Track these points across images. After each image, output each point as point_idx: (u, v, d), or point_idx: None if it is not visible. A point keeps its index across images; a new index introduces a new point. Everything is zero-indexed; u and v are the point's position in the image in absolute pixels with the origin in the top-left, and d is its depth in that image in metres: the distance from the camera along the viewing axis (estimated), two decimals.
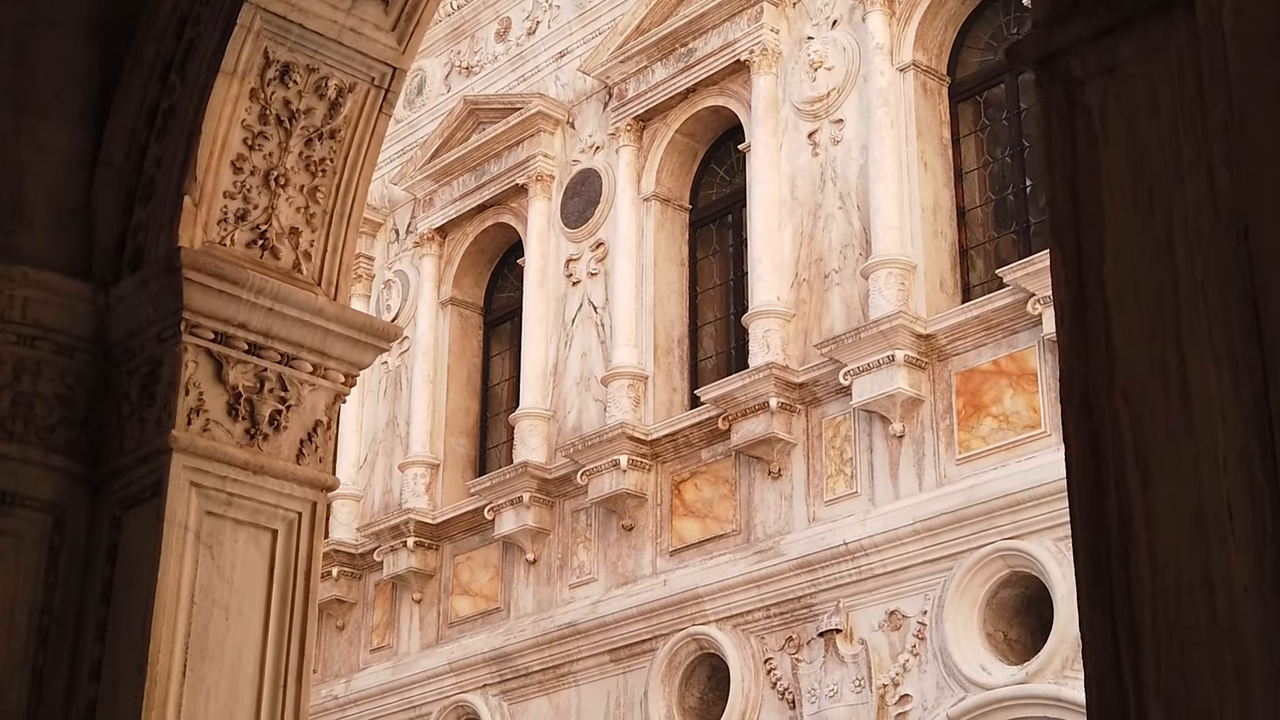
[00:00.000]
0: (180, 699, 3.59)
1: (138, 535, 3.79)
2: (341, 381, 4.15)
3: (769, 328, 12.39)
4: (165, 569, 3.64)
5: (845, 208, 12.41)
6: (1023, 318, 10.96)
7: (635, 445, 13.01)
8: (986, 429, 11.12)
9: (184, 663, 3.62)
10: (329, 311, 4.05)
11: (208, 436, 3.85)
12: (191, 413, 3.85)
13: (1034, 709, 10.32)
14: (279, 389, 4.00)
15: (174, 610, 3.64)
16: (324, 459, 4.08)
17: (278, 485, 3.93)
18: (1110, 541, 1.79)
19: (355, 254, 4.16)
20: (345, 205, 4.11)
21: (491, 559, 14.31)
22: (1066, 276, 1.91)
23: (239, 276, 3.91)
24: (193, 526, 3.74)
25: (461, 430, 15.36)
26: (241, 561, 3.80)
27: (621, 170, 14.12)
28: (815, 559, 11.61)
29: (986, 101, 12.51)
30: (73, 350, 3.99)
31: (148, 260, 3.95)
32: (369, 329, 4.15)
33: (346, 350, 4.12)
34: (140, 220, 4.01)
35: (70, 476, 3.93)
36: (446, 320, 15.61)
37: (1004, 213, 12.22)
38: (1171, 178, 1.82)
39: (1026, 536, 10.59)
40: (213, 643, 3.69)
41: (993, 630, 10.83)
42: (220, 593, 3.72)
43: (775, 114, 13.08)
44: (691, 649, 12.34)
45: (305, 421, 4.06)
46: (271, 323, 3.97)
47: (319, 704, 15.11)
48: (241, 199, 3.98)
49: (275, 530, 3.90)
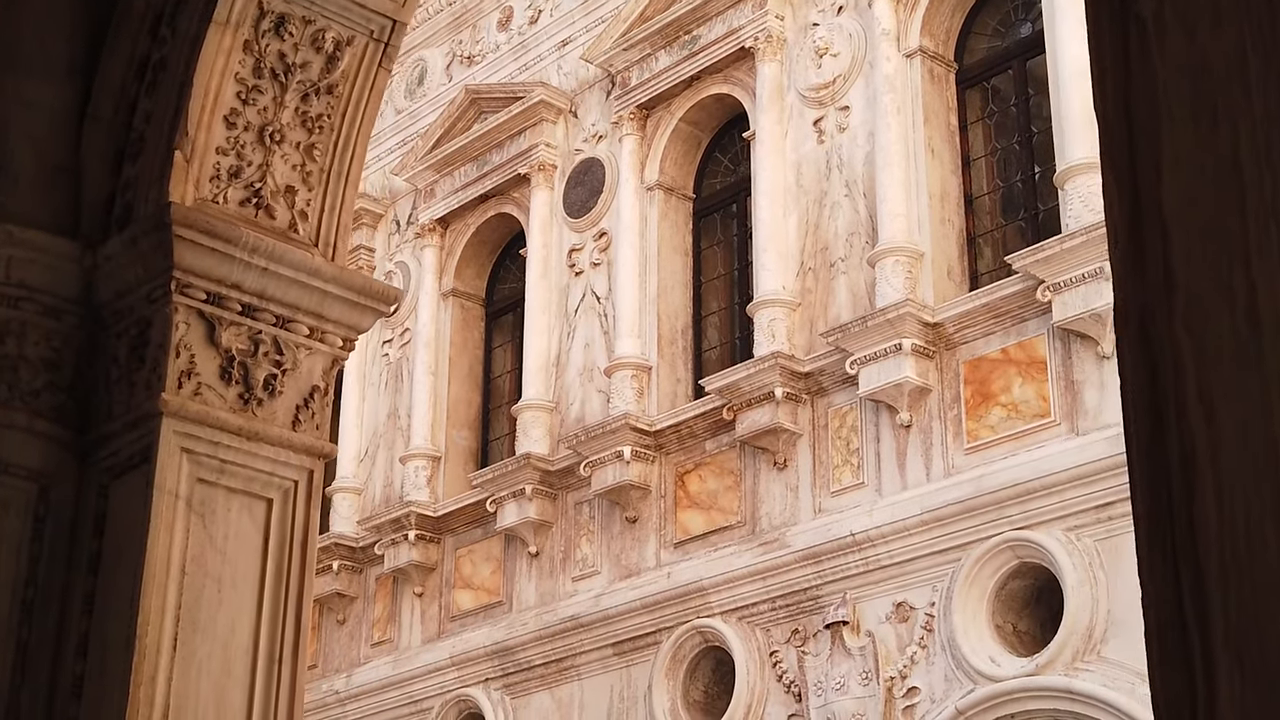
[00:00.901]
0: (170, 673, 3.43)
1: (126, 504, 3.63)
2: (340, 345, 3.99)
3: (774, 317, 12.24)
4: (155, 538, 3.49)
5: (851, 195, 12.27)
6: (1032, 305, 10.81)
7: (639, 436, 12.86)
8: (995, 418, 10.97)
9: (174, 636, 3.47)
10: (326, 272, 3.89)
11: (199, 401, 3.69)
12: (182, 376, 3.69)
13: (1044, 701, 10.17)
14: (274, 352, 3.84)
15: (164, 581, 3.48)
16: (321, 426, 3.92)
17: (273, 452, 3.77)
18: (1171, 481, 1.64)
19: (354, 213, 4.00)
20: (343, 163, 3.95)
21: (493, 552, 14.16)
22: (1119, 197, 1.76)
23: (232, 234, 3.76)
24: (184, 494, 3.58)
25: (463, 422, 15.22)
26: (235, 531, 3.64)
27: (624, 159, 13.98)
28: (821, 550, 11.47)
29: (994, 88, 12.37)
30: (59, 312, 3.83)
31: (137, 218, 3.79)
32: (368, 291, 3.99)
33: (345, 313, 3.96)
34: (130, 177, 3.85)
35: (56, 443, 3.77)
36: (448, 312, 15.46)
37: (1012, 200, 12.07)
38: (1237, 93, 1.67)
39: (1036, 527, 10.44)
40: (204, 615, 3.54)
41: (1001, 622, 10.68)
42: (212, 563, 3.57)
43: (780, 101, 12.93)
44: (696, 642, 12.19)
45: (301, 386, 3.90)
46: (266, 283, 3.81)
47: (319, 699, 14.97)
48: (235, 155, 3.83)
49: (270, 499, 3.75)
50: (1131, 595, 10.03)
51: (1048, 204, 11.60)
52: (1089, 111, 10.61)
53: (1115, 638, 10.00)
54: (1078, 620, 10.08)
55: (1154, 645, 1.67)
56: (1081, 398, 10.55)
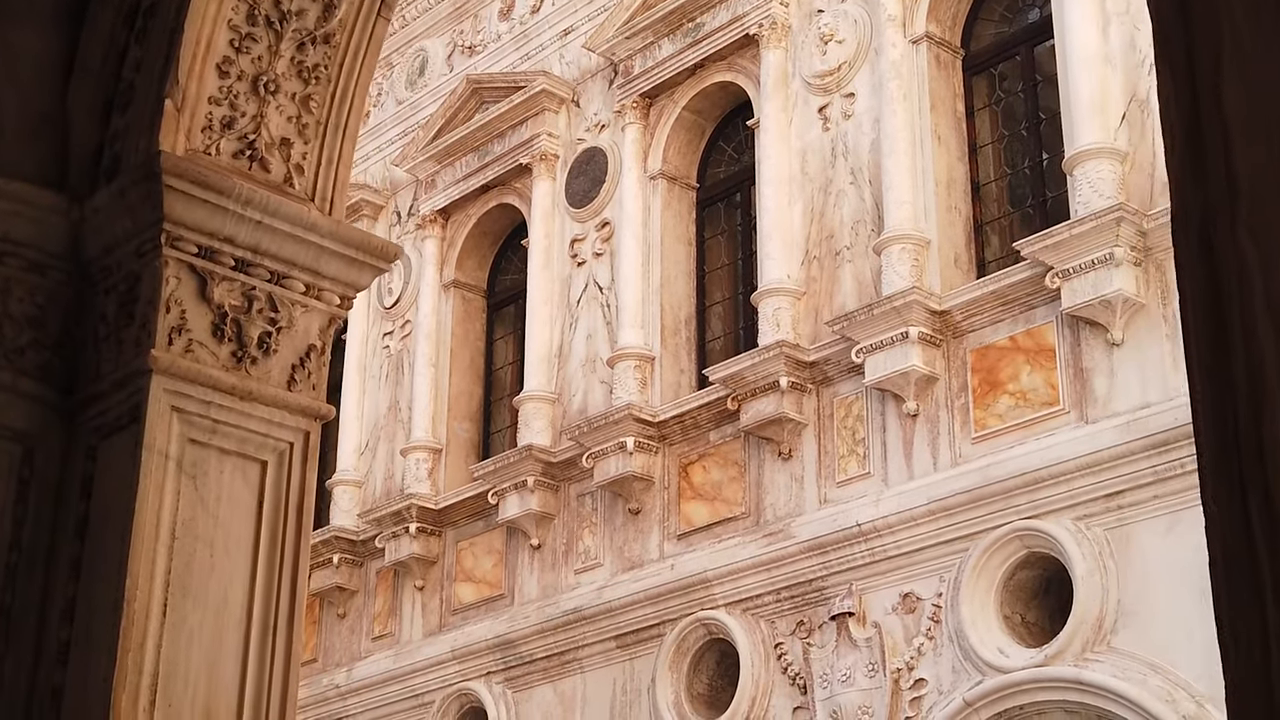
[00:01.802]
0: (160, 640, 3.30)
1: (114, 465, 3.50)
2: (337, 304, 3.85)
3: (779, 306, 12.11)
4: (144, 500, 3.35)
5: (857, 183, 12.13)
6: (1040, 292, 10.67)
7: (642, 427, 12.73)
8: (1003, 407, 10.84)
9: (164, 601, 3.34)
10: (323, 227, 3.75)
11: (190, 358, 3.55)
12: (173, 332, 3.55)
13: (1053, 693, 10.03)
14: (268, 309, 3.71)
15: (153, 544, 3.34)
16: (317, 386, 3.78)
17: (267, 413, 3.63)
18: (1238, 401, 1.51)
19: (351, 169, 3.86)
20: (341, 116, 3.81)
21: (495, 544, 14.03)
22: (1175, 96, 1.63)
23: (225, 185, 3.62)
24: (174, 455, 3.44)
25: (464, 415, 15.09)
26: (228, 494, 3.51)
27: (627, 148, 13.84)
28: (827, 541, 11.33)
29: (1001, 74, 12.23)
30: (44, 267, 3.69)
31: (125, 169, 3.65)
32: (367, 247, 3.85)
33: (342, 270, 3.82)
34: (118, 128, 3.71)
35: (42, 403, 3.64)
36: (449, 303, 15.33)
37: (1019, 187, 11.94)
38: None
39: (1045, 516, 10.30)
40: (196, 581, 3.40)
41: (1010, 613, 10.54)
42: (204, 527, 3.43)
43: (785, 89, 12.80)
44: (700, 634, 12.06)
45: (297, 345, 3.76)
46: (260, 237, 3.67)
47: (319, 693, 14.85)
48: (228, 105, 3.69)
49: (264, 461, 3.61)
50: (1142, 585, 9.94)
51: (1055, 191, 11.47)
52: (1098, 96, 10.53)
53: (1125, 628, 9.86)
54: (1087, 610, 9.94)
55: (1220, 577, 1.54)
56: (1091, 385, 10.42)
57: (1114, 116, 10.65)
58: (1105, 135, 10.56)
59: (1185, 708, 9.42)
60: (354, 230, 3.87)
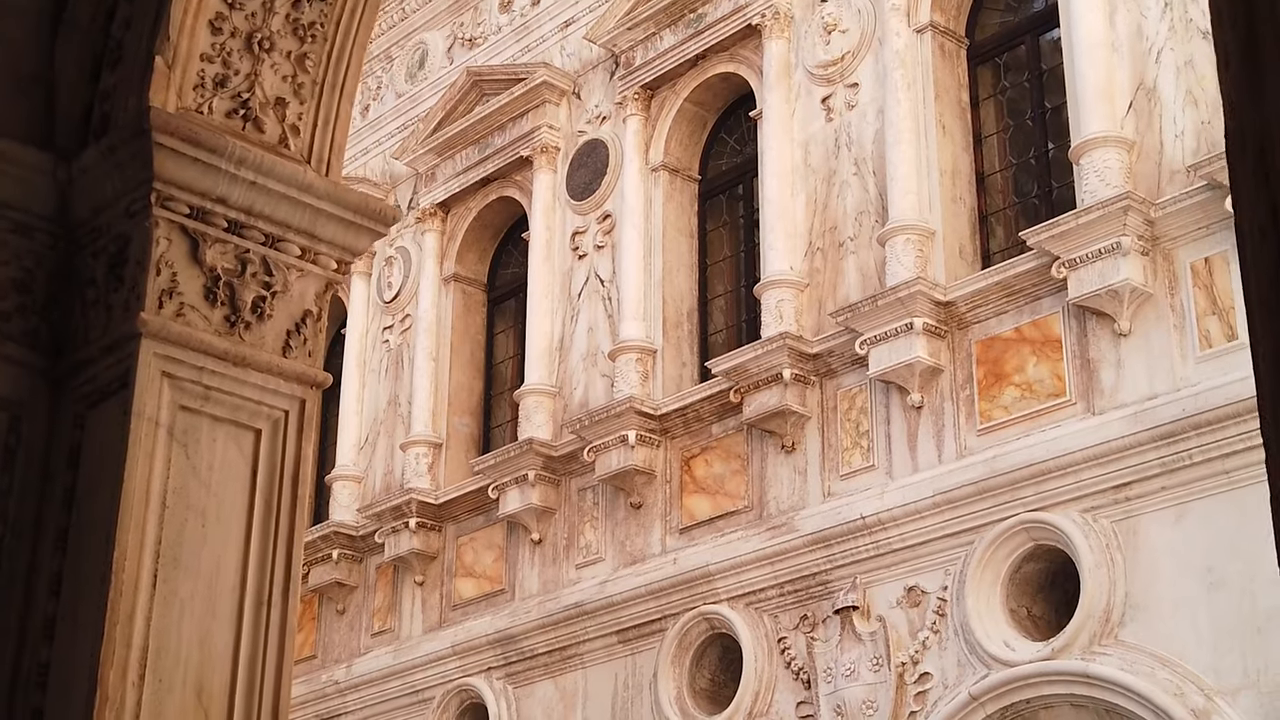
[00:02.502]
0: (150, 612, 3.19)
1: (103, 433, 3.38)
2: (334, 268, 3.74)
3: (782, 298, 12.00)
4: (133, 467, 3.24)
5: (860, 174, 12.03)
6: (1046, 282, 10.56)
7: (644, 420, 12.62)
8: (1009, 398, 10.73)
9: (154, 572, 3.22)
10: (319, 188, 3.64)
11: (181, 322, 3.44)
12: (163, 295, 3.44)
13: (1060, 686, 9.92)
14: (263, 273, 3.59)
15: (143, 514, 3.23)
16: (314, 353, 3.66)
17: (261, 379, 3.52)
18: None
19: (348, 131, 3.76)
20: (337, 75, 3.70)
21: (495, 539, 13.92)
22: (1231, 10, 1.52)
23: (217, 144, 3.50)
24: (164, 422, 3.33)
25: (465, 409, 14.98)
26: (220, 463, 3.39)
27: (629, 140, 13.74)
28: (830, 534, 11.22)
29: (1006, 64, 12.13)
30: (31, 229, 3.57)
31: (115, 126, 3.54)
32: (364, 210, 3.73)
33: (339, 233, 3.71)
34: (108, 87, 3.60)
35: (28, 369, 3.52)
36: (449, 297, 15.22)
37: (1025, 178, 11.83)
38: None
39: (1051, 508, 10.19)
40: (187, 552, 3.29)
41: (1016, 606, 10.43)
42: (196, 496, 3.32)
43: (787, 79, 12.70)
44: (702, 629, 11.95)
45: (293, 310, 3.64)
46: (254, 198, 3.56)
47: (319, 689, 14.74)
48: (221, 63, 3.57)
49: (259, 429, 3.50)
50: (1150, 577, 9.83)
51: (1061, 182, 11.36)
52: (1105, 85, 10.42)
53: (1133, 621, 9.75)
54: (1095, 603, 9.84)
55: None
56: (1098, 376, 10.31)
57: (1121, 105, 10.55)
58: (1112, 124, 10.46)
59: (1194, 701, 9.31)
60: (352, 192, 3.76)
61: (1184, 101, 10.29)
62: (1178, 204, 10.01)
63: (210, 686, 3.24)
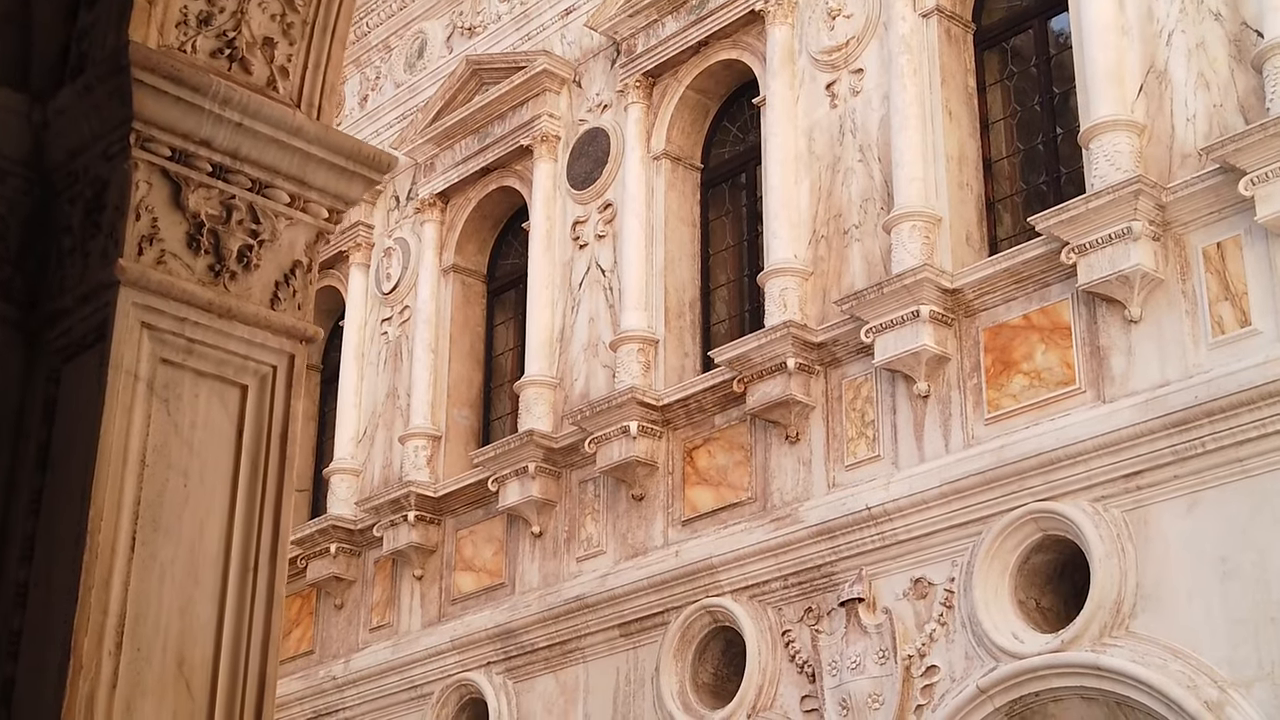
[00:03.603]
0: (128, 577, 3.01)
1: (79, 389, 3.20)
2: (325, 217, 3.55)
3: (785, 286, 11.83)
4: (110, 423, 3.05)
5: (865, 160, 11.85)
6: (1055, 269, 10.39)
7: (645, 411, 12.45)
8: (1017, 386, 10.56)
9: (132, 534, 3.04)
10: (309, 131, 3.45)
11: (162, 270, 3.25)
12: (143, 242, 3.26)
13: (1070, 679, 9.74)
14: (249, 220, 3.41)
15: (120, 472, 3.04)
16: (304, 306, 3.48)
17: (248, 333, 3.33)
18: None
19: (341, 75, 3.58)
20: (328, 16, 3.52)
21: (495, 532, 13.75)
22: None
23: (201, 82, 3.31)
24: (144, 375, 3.14)
25: (464, 401, 14.81)
26: (204, 420, 3.21)
27: (630, 128, 13.56)
28: (835, 525, 11.05)
29: (1013, 49, 11.95)
30: (3, 174, 3.38)
31: (92, 64, 3.36)
32: (358, 156, 3.55)
33: (331, 180, 3.52)
34: (85, 25, 3.41)
35: (1, 322, 3.35)
36: (449, 288, 15.05)
37: (1032, 164, 11.66)
38: None
39: (1061, 498, 10.02)
40: (168, 513, 3.11)
41: (1024, 598, 10.26)
42: (178, 455, 3.14)
43: (791, 66, 12.53)
44: (705, 622, 11.77)
45: (281, 261, 3.46)
46: (240, 141, 3.38)
47: (316, 684, 14.58)
48: (205, 0, 3.41)
49: (245, 385, 3.31)
50: (1161, 568, 9.65)
51: (1070, 167, 11.19)
52: (1115, 68, 10.24)
53: (1145, 612, 9.58)
54: (1105, 594, 9.66)
55: None
56: (1108, 364, 10.13)
57: (1131, 89, 10.38)
58: (1122, 108, 10.28)
59: (1207, 693, 9.13)
60: (344, 137, 3.58)
61: (1195, 84, 10.11)
62: (1189, 188, 9.84)
63: (192, 656, 3.07)
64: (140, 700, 2.98)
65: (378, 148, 3.61)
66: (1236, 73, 9.92)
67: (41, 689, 2.96)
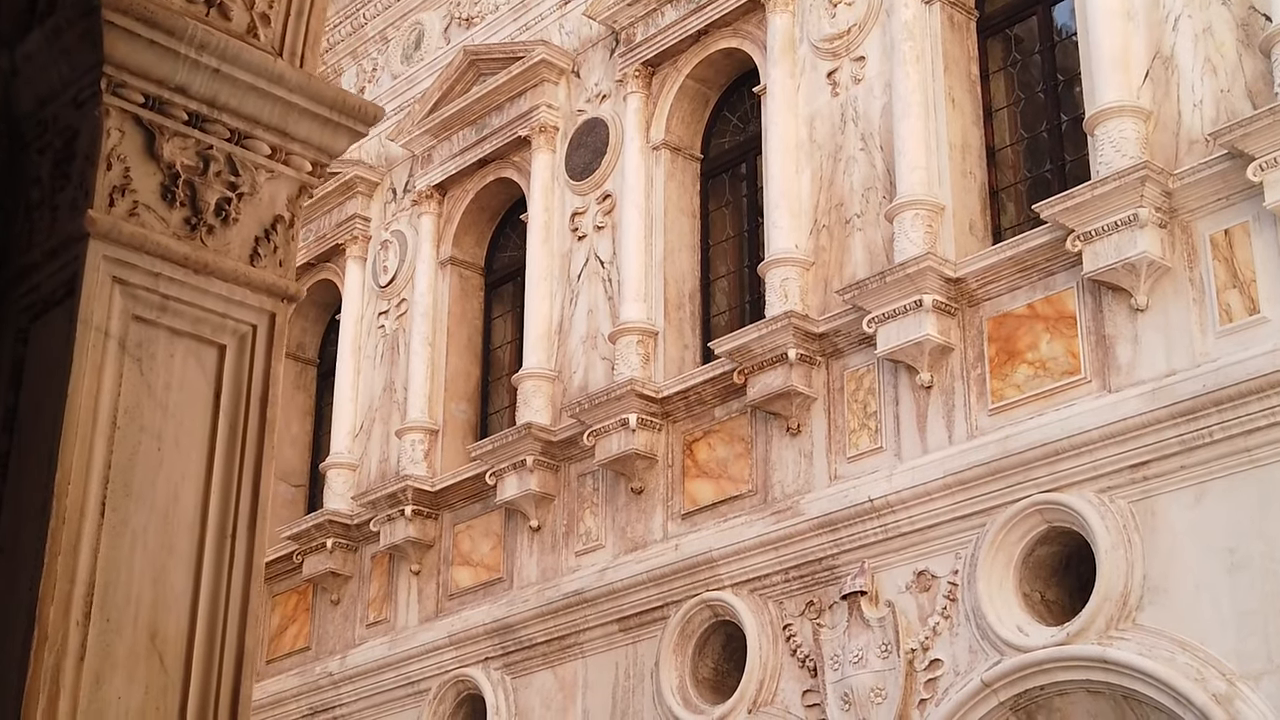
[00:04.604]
0: (97, 544, 2.85)
1: (48, 347, 3.04)
2: (308, 170, 3.39)
3: (786, 276, 11.68)
4: (78, 381, 2.90)
5: (868, 149, 11.71)
6: (1060, 257, 10.24)
7: (645, 403, 12.30)
8: (1021, 377, 10.41)
9: (102, 499, 2.89)
10: (291, 80, 3.30)
11: (135, 222, 3.10)
12: (114, 193, 3.10)
13: (1076, 672, 9.59)
14: (228, 172, 3.26)
15: (89, 433, 2.89)
16: (285, 263, 3.32)
17: (226, 289, 3.18)
18: None
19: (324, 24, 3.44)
20: None
21: (493, 527, 13.60)
22: None
23: (176, 25, 3.16)
24: (115, 333, 2.99)
25: (462, 395, 14.66)
26: (179, 381, 3.06)
27: (629, 118, 13.42)
28: (837, 518, 10.90)
29: (1017, 37, 11.81)
30: None
31: (62, 6, 3.21)
32: (342, 106, 3.39)
33: (314, 131, 3.37)
34: None
35: None
36: (446, 281, 14.90)
37: (1037, 152, 11.51)
38: None
39: (1066, 489, 9.88)
40: (140, 477, 2.95)
41: (1029, 590, 10.11)
42: (151, 417, 2.99)
43: (792, 54, 12.38)
44: (705, 616, 11.62)
45: (262, 215, 3.30)
46: (219, 88, 3.22)
47: (312, 681, 14.43)
48: None
49: (223, 345, 3.16)
50: (1168, 559, 9.50)
51: (1074, 154, 11.05)
52: (1120, 54, 10.09)
53: (1152, 604, 9.44)
54: (1111, 586, 9.52)
55: None
56: (1114, 353, 9.99)
57: (1137, 74, 10.23)
58: (1128, 93, 10.13)
59: (1215, 686, 8.99)
60: (328, 86, 3.41)
61: (1203, 70, 9.97)
62: (1197, 174, 9.69)
63: (165, 628, 2.92)
64: (110, 673, 2.84)
65: (364, 98, 3.46)
66: (1244, 57, 9.78)
67: (5, 660, 2.82)
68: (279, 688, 14.73)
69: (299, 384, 16.42)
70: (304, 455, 16.09)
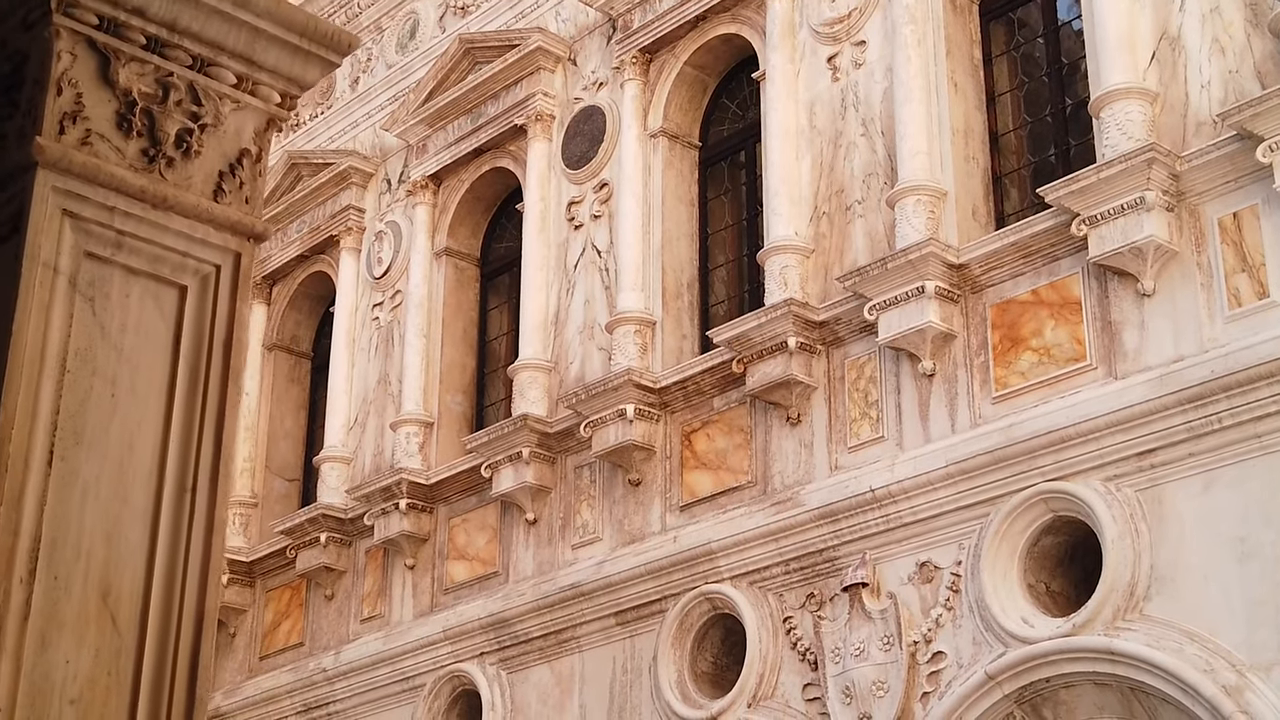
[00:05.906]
0: (43, 495, 2.65)
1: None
2: (277, 102, 3.19)
3: (786, 264, 11.49)
4: (24, 320, 2.69)
5: (869, 134, 11.52)
6: (1065, 242, 10.05)
7: (642, 394, 12.11)
8: (1025, 364, 10.22)
9: (49, 448, 2.69)
10: (258, 4, 3.08)
11: (88, 151, 2.89)
12: (65, 119, 2.90)
13: (1082, 664, 9.40)
14: (189, 102, 3.05)
15: (36, 377, 2.68)
16: (252, 200, 3.11)
17: (187, 226, 2.97)
18: None
19: None
20: None
21: (489, 520, 13.40)
22: None
23: None
24: (65, 270, 2.79)
25: (457, 387, 14.47)
26: (135, 323, 2.86)
27: (626, 106, 13.23)
28: (838, 509, 10.71)
29: (1020, 20, 11.62)
30: None
31: None
32: (313, 33, 3.18)
33: (283, 60, 3.16)
34: None
35: None
36: (441, 272, 14.71)
37: (1040, 137, 11.32)
38: None
39: (1071, 477, 9.68)
40: (93, 426, 2.76)
41: (1034, 581, 9.92)
42: (105, 361, 2.79)
43: (792, 39, 12.19)
44: (704, 609, 11.43)
45: (226, 149, 3.10)
46: (179, 11, 3.01)
47: (306, 677, 14.24)
48: None
49: (183, 285, 2.96)
50: (1176, 548, 9.30)
51: (1079, 139, 10.86)
52: (1126, 35, 9.87)
53: (1160, 594, 9.24)
54: (1118, 576, 9.32)
55: None
56: (1120, 339, 9.80)
57: (1143, 56, 10.04)
58: (1134, 75, 9.95)
59: (1224, 677, 8.79)
60: (298, 11, 3.19)
61: (1210, 50, 9.78)
62: (1204, 156, 9.50)
63: (119, 587, 2.72)
64: (56, 634, 2.64)
65: (335, 26, 3.26)
66: (1253, 37, 9.59)
67: None
68: (272, 684, 14.54)
69: (293, 377, 16.24)
70: (298, 449, 15.90)
